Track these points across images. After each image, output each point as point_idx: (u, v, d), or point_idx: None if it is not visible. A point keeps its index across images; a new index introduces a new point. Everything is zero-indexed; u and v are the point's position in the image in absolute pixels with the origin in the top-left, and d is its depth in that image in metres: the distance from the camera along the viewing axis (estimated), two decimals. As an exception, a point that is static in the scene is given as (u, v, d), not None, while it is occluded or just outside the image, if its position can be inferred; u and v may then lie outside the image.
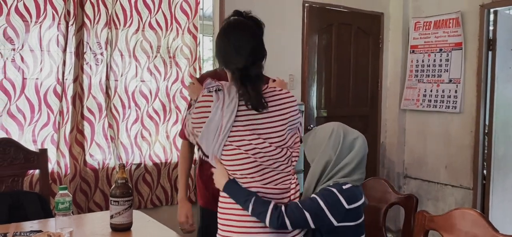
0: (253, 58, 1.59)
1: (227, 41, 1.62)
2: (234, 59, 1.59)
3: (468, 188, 3.93)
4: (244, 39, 1.61)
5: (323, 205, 1.54)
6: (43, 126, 2.81)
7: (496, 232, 1.49)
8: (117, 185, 1.91)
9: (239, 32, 1.62)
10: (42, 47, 2.77)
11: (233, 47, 1.59)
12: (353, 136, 1.66)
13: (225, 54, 1.63)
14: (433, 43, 4.13)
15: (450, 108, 3.98)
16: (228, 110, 1.54)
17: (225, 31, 1.65)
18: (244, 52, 1.58)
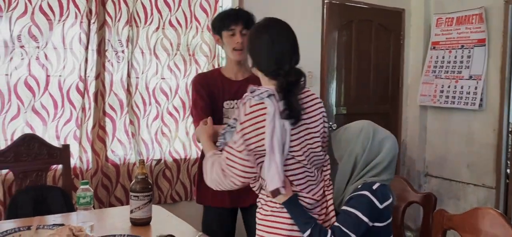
0: (296, 62, 1.56)
1: (268, 39, 1.54)
2: (280, 61, 1.52)
3: (491, 187, 3.86)
4: (288, 36, 1.57)
5: (364, 217, 1.51)
6: (66, 122, 2.88)
7: (516, 231, 1.47)
8: (137, 181, 1.94)
9: (281, 28, 1.58)
10: (65, 45, 2.83)
11: (277, 46, 1.53)
12: (382, 135, 1.63)
13: (266, 54, 1.53)
14: (455, 39, 4.06)
15: (469, 105, 3.90)
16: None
17: (264, 29, 1.57)
18: (290, 51, 1.56)
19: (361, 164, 1.59)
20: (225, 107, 2.17)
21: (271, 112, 1.43)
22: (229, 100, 2.18)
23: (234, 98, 2.18)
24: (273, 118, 1.43)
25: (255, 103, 1.46)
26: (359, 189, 1.56)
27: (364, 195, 1.53)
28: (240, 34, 2.14)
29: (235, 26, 2.14)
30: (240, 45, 2.14)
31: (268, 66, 1.54)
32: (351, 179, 1.61)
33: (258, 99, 1.46)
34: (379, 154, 1.59)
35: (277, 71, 1.52)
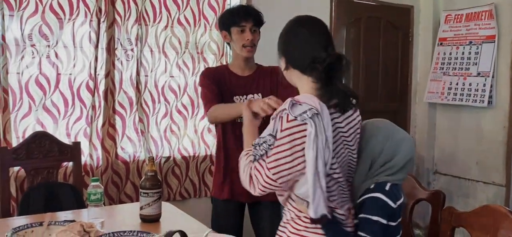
0: (333, 50, 1.44)
1: (305, 32, 1.47)
2: (317, 51, 1.42)
3: (501, 185, 3.83)
4: (323, 29, 1.49)
5: (384, 220, 1.50)
6: (76, 120, 2.91)
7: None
8: (146, 177, 1.97)
9: (315, 21, 1.50)
10: (75, 43, 2.86)
11: (314, 38, 1.44)
12: (400, 136, 1.59)
13: (303, 47, 1.45)
14: (463, 35, 4.03)
15: (477, 102, 3.87)
16: (329, 133, 1.36)
17: (298, 24, 1.50)
18: (326, 42, 1.44)
19: (377, 164, 1.56)
20: (235, 102, 2.20)
21: (312, 133, 1.33)
22: (238, 95, 2.21)
23: (244, 94, 2.22)
24: (315, 140, 1.33)
25: (292, 119, 1.35)
26: (371, 190, 1.54)
27: (378, 198, 1.51)
28: (250, 31, 2.16)
29: (246, 23, 2.15)
30: (250, 42, 2.16)
31: (304, 60, 1.44)
32: (366, 179, 1.58)
33: (300, 119, 1.34)
34: (396, 156, 1.55)
35: (313, 63, 1.42)
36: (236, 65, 2.27)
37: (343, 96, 1.45)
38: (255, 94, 2.23)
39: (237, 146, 2.16)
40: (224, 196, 2.27)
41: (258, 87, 2.24)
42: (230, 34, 2.20)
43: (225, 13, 2.29)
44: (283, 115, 1.39)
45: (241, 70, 2.25)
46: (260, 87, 2.24)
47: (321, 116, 1.35)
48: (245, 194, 2.19)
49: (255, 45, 2.21)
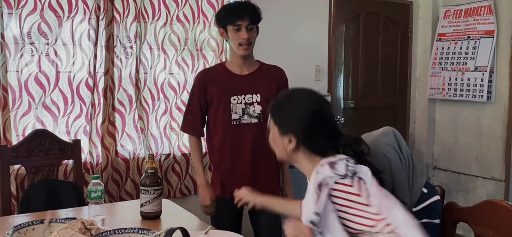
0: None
1: (327, 116, 1.44)
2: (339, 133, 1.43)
3: (500, 180, 3.84)
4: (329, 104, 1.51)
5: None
6: (76, 118, 2.91)
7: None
8: (147, 175, 1.97)
9: (326, 101, 1.50)
10: (74, 41, 2.86)
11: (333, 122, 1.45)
12: (384, 138, 1.61)
13: (326, 132, 1.42)
14: (462, 31, 4.04)
15: (477, 97, 3.88)
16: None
17: (314, 103, 1.45)
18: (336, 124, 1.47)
19: (408, 169, 1.59)
20: (232, 102, 2.18)
21: (369, 176, 1.30)
22: (235, 95, 2.18)
23: (242, 93, 2.18)
24: (371, 182, 1.30)
25: (346, 183, 1.30)
26: (427, 195, 1.57)
27: (438, 200, 1.58)
28: (246, 30, 2.10)
29: (241, 21, 2.10)
30: (246, 40, 2.11)
31: (325, 144, 1.40)
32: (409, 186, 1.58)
33: (350, 181, 1.29)
34: (404, 150, 1.60)
35: (336, 145, 1.40)
36: (234, 63, 2.23)
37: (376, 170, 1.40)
38: (253, 95, 2.19)
39: (231, 148, 2.20)
40: (222, 195, 2.26)
41: (256, 87, 2.19)
42: (226, 31, 2.16)
43: (221, 10, 2.24)
44: (328, 182, 1.30)
45: (239, 68, 2.21)
46: (259, 88, 2.19)
47: (364, 175, 1.31)
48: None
49: (251, 43, 2.16)
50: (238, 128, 2.19)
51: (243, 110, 2.19)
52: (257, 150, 2.18)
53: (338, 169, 1.31)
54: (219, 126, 2.22)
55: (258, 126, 2.18)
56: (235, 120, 2.19)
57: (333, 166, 1.32)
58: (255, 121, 2.19)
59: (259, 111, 2.19)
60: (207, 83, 2.22)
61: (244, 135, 2.19)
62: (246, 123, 2.19)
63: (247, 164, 2.20)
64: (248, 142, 2.19)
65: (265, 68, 2.26)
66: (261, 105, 2.17)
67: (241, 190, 1.88)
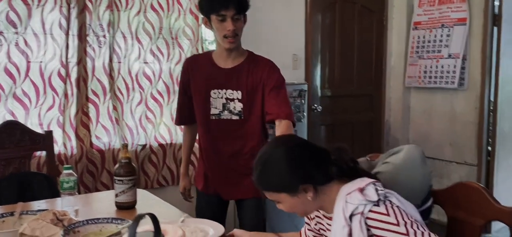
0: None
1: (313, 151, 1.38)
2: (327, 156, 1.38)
3: (473, 165, 3.93)
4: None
5: None
6: (49, 109, 2.85)
7: (498, 204, 1.50)
8: (120, 164, 1.93)
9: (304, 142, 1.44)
10: (45, 31, 2.78)
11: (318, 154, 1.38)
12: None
13: (318, 162, 1.36)
14: (436, 19, 4.09)
15: (449, 84, 3.95)
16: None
17: (302, 146, 1.38)
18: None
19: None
20: (212, 96, 2.07)
21: (400, 199, 1.29)
22: (216, 89, 2.05)
23: (222, 88, 2.04)
24: (404, 203, 1.29)
25: (378, 211, 1.25)
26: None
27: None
28: (231, 20, 1.92)
29: (226, 11, 1.90)
30: (232, 32, 1.93)
31: (326, 171, 1.36)
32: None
33: (383, 204, 1.25)
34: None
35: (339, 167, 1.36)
36: (218, 54, 2.07)
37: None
38: (234, 91, 2.04)
39: (211, 144, 2.13)
40: (205, 190, 2.23)
41: (238, 83, 2.03)
42: (210, 21, 1.98)
43: None
44: (362, 211, 1.26)
45: (223, 61, 2.05)
46: (241, 84, 2.03)
47: (392, 195, 1.29)
48: (227, 192, 2.19)
49: (238, 34, 1.97)
50: (217, 123, 2.08)
51: (223, 105, 2.06)
52: (237, 147, 2.09)
53: (370, 196, 1.26)
54: (200, 119, 2.14)
55: (239, 123, 2.06)
56: (215, 115, 2.07)
57: (363, 192, 1.27)
58: (235, 118, 2.06)
59: (240, 109, 2.05)
60: (191, 72, 2.12)
61: (223, 130, 2.08)
62: (226, 119, 2.06)
63: (226, 161, 2.13)
64: (228, 138, 2.09)
65: (253, 61, 2.06)
66: (242, 103, 2.04)
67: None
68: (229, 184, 2.17)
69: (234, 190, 2.18)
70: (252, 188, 2.09)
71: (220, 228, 1.68)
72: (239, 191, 2.16)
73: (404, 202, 1.31)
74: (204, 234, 1.63)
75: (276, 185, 1.35)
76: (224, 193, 2.20)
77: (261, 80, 2.02)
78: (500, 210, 1.47)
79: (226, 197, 2.23)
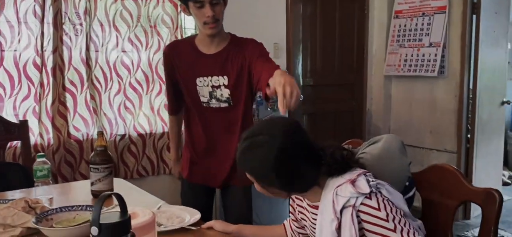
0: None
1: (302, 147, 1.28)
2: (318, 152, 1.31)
3: (452, 152, 3.98)
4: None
5: None
6: (24, 99, 2.79)
7: (471, 185, 1.52)
8: (96, 153, 1.90)
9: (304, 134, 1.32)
10: (19, 18, 2.72)
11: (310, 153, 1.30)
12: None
13: (310, 161, 1.28)
14: (417, 7, 4.11)
15: (429, 72, 3.98)
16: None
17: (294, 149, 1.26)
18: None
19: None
20: (198, 84, 2.00)
21: (391, 191, 1.28)
22: (201, 76, 1.99)
23: (208, 75, 1.98)
24: (395, 195, 1.28)
25: (369, 205, 1.22)
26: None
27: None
28: (210, 5, 1.86)
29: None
30: (211, 18, 1.87)
31: (312, 175, 1.30)
32: None
33: (375, 196, 1.23)
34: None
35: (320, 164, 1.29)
36: (201, 41, 2.00)
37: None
38: (220, 77, 1.98)
39: (203, 131, 2.07)
40: (190, 178, 2.19)
41: (223, 68, 1.97)
42: (188, 7, 1.91)
43: None
44: (356, 208, 1.22)
45: (206, 47, 1.99)
46: (226, 69, 1.97)
47: (385, 187, 1.28)
48: (214, 179, 2.14)
49: (218, 19, 1.91)
50: (208, 111, 2.03)
51: (210, 94, 2.00)
52: (227, 134, 2.04)
53: (362, 188, 1.22)
54: (191, 107, 2.08)
55: (228, 110, 2.01)
56: (204, 103, 2.02)
57: (354, 184, 1.23)
58: (224, 105, 2.00)
59: (228, 95, 1.99)
60: (174, 59, 2.05)
61: (214, 119, 2.03)
62: (215, 108, 2.01)
63: (217, 149, 2.08)
64: (218, 126, 2.04)
65: (237, 45, 2.00)
66: (229, 89, 1.98)
67: (211, 223, 1.65)
68: (218, 172, 2.11)
69: (222, 178, 2.12)
70: (241, 176, 2.07)
71: (196, 214, 1.66)
72: (228, 179, 2.12)
73: (393, 193, 1.29)
74: (181, 220, 1.61)
75: (253, 170, 1.29)
76: (211, 181, 2.15)
77: (245, 59, 1.97)
78: (473, 191, 1.49)
79: (213, 185, 2.18)
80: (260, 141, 1.25)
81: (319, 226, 1.29)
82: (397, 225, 1.21)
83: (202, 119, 2.06)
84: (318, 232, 1.29)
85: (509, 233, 3.73)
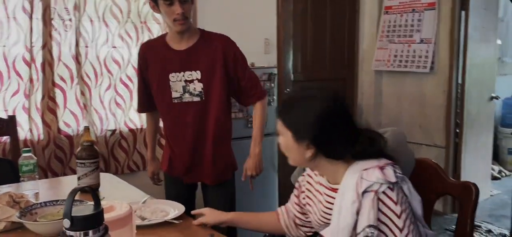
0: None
1: (346, 116, 1.33)
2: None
3: (441, 147, 4.01)
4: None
5: None
6: (14, 94, 2.81)
7: (449, 179, 1.55)
8: (82, 148, 1.92)
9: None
10: (8, 14, 2.73)
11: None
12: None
13: (348, 135, 1.30)
14: (407, 3, 4.14)
15: (420, 68, 4.01)
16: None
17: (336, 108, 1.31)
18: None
19: None
20: (171, 80, 2.05)
21: (411, 191, 1.29)
22: (174, 72, 2.04)
23: (180, 70, 2.03)
24: (412, 194, 1.30)
25: (390, 196, 1.23)
26: None
27: None
28: (179, 3, 1.90)
29: None
30: (181, 15, 1.91)
31: (345, 149, 1.30)
32: None
33: (396, 188, 1.24)
34: None
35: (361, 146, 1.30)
36: (172, 38, 2.05)
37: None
38: (193, 72, 2.03)
39: (175, 127, 2.13)
40: (169, 171, 2.23)
41: (197, 62, 2.03)
42: (158, 6, 1.95)
43: None
44: (378, 194, 1.23)
45: (177, 43, 2.04)
46: (199, 63, 2.03)
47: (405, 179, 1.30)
48: (189, 177, 2.17)
49: (187, 17, 1.96)
50: (179, 106, 2.07)
51: (183, 88, 2.04)
52: (200, 129, 2.08)
53: (389, 176, 1.23)
54: (161, 104, 2.14)
55: (200, 104, 2.06)
56: (176, 98, 2.06)
57: (383, 171, 1.24)
58: (196, 99, 2.05)
59: (200, 89, 2.04)
60: (148, 57, 2.11)
61: (185, 113, 2.07)
62: (187, 102, 2.06)
63: (189, 143, 2.11)
64: (190, 121, 2.08)
65: (207, 39, 2.07)
66: (202, 83, 2.03)
67: (203, 210, 1.68)
68: (192, 170, 2.16)
69: (196, 176, 2.18)
70: (215, 174, 2.13)
71: (180, 208, 1.68)
72: (201, 177, 2.18)
73: (413, 193, 1.30)
74: (165, 214, 1.63)
75: (291, 122, 1.31)
76: (186, 177, 2.19)
77: (219, 58, 2.03)
78: (451, 184, 1.52)
79: (187, 181, 2.21)
80: (309, 95, 1.32)
81: (337, 208, 1.28)
82: (406, 227, 1.23)
83: (171, 115, 2.12)
84: (336, 214, 1.28)
85: (497, 227, 3.78)
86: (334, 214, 1.29)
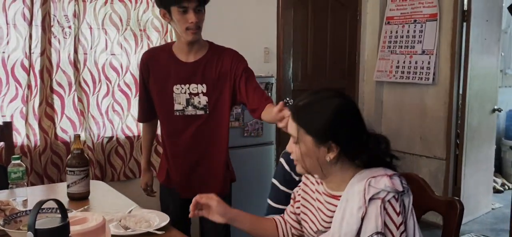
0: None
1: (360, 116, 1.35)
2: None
3: (442, 159, 3.98)
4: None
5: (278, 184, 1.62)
6: (12, 100, 2.83)
7: (434, 195, 1.53)
8: (73, 155, 1.93)
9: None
10: (7, 21, 2.76)
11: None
12: None
13: (362, 136, 1.32)
14: (409, 14, 4.13)
15: (423, 80, 3.99)
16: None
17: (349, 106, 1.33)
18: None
19: None
20: (175, 91, 2.03)
21: (410, 207, 1.29)
22: (179, 84, 2.01)
23: (185, 83, 2.01)
24: (412, 211, 1.30)
25: (394, 206, 1.24)
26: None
27: (279, 162, 1.58)
28: (193, 12, 1.88)
29: (188, 3, 1.86)
30: (194, 25, 1.89)
31: (361, 152, 1.31)
32: None
33: (401, 199, 1.25)
34: None
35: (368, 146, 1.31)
36: (179, 48, 2.02)
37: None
38: (199, 85, 2.01)
39: (174, 139, 2.10)
40: (166, 183, 2.20)
41: (203, 77, 2.00)
42: (170, 13, 1.92)
43: None
44: (384, 202, 1.23)
45: (185, 54, 2.01)
46: (206, 77, 2.00)
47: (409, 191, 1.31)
48: (186, 192, 2.08)
49: (200, 27, 1.94)
50: (181, 119, 2.04)
51: (187, 101, 2.02)
52: (202, 143, 2.06)
53: (397, 185, 1.24)
54: (162, 115, 2.11)
55: (204, 118, 2.03)
56: (178, 111, 2.04)
57: (391, 179, 1.24)
58: (200, 113, 2.02)
59: (205, 102, 2.01)
60: (151, 66, 2.08)
61: (187, 126, 2.05)
62: (190, 115, 2.03)
63: (189, 157, 2.09)
64: (191, 135, 2.05)
65: (216, 53, 2.03)
66: (207, 96, 2.01)
67: (211, 198, 1.55)
68: (189, 185, 2.12)
69: (194, 190, 2.13)
70: (214, 189, 2.07)
71: (165, 218, 1.69)
72: (200, 191, 2.11)
73: (412, 210, 1.30)
74: (148, 225, 1.63)
75: (310, 125, 1.28)
76: (184, 192, 2.14)
77: (228, 72, 1.99)
78: (436, 200, 1.51)
79: (185, 195, 2.15)
80: (320, 100, 1.31)
81: (340, 214, 1.27)
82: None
83: (172, 127, 2.09)
84: (339, 220, 1.27)
85: (496, 241, 3.73)
86: (336, 220, 1.28)
